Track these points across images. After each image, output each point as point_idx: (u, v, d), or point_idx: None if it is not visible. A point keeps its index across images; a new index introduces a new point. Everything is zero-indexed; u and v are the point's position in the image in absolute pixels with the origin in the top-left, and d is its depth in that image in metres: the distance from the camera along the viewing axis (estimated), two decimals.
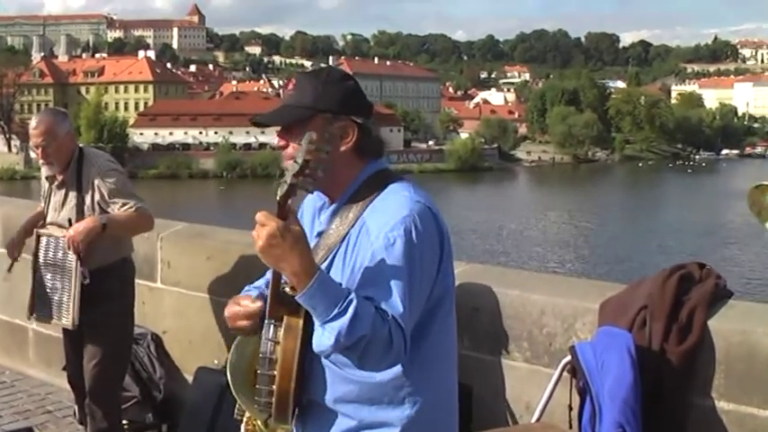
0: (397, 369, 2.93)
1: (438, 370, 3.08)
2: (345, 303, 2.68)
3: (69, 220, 5.73)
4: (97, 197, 5.70)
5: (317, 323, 2.74)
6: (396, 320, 2.74)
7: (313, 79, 3.02)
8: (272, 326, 2.90)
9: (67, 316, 5.79)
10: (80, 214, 5.72)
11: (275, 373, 2.87)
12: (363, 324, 2.68)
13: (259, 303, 3.04)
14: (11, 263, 6.25)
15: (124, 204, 5.69)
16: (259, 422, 3.10)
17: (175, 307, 7.13)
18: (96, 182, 5.70)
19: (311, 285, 2.68)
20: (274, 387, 2.88)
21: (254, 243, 2.72)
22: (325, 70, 3.10)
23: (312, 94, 2.96)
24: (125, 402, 6.71)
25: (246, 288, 3.26)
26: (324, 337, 2.72)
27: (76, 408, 6.57)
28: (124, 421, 6.56)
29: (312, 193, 2.97)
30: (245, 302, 3.08)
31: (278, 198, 2.68)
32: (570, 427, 4.77)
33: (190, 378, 6.75)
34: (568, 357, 4.80)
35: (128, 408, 6.79)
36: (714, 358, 4.53)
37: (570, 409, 4.77)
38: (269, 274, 3.10)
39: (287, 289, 2.89)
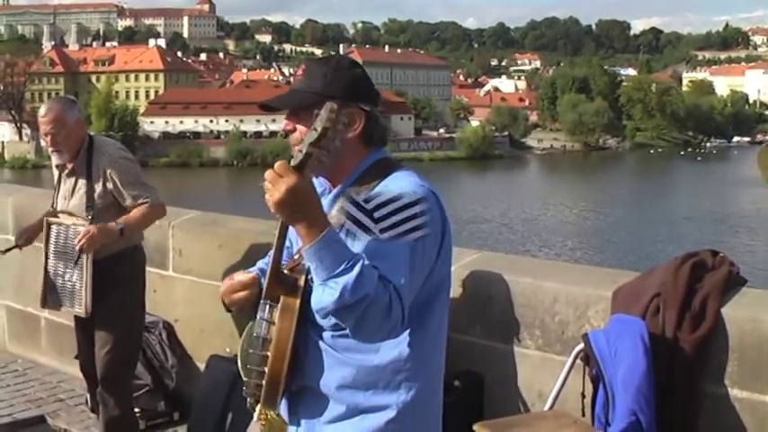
0: (397, 352, 2.95)
1: (435, 357, 3.10)
2: (353, 261, 2.66)
3: (87, 207, 5.74)
4: (110, 186, 5.70)
5: (317, 282, 2.71)
6: (396, 290, 2.73)
7: (323, 65, 3.04)
8: (267, 306, 2.91)
9: (80, 304, 5.79)
10: (90, 202, 5.72)
11: (268, 353, 2.86)
12: (368, 283, 2.66)
13: (254, 272, 3.09)
14: (11, 247, 6.27)
15: (138, 196, 5.70)
16: (272, 411, 3.08)
17: (187, 295, 7.14)
18: (108, 170, 5.70)
19: (323, 236, 2.66)
20: (266, 368, 2.87)
21: (266, 200, 2.68)
22: (335, 57, 3.12)
23: (321, 80, 2.98)
24: (137, 390, 6.72)
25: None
26: (326, 294, 2.68)
27: (88, 396, 6.58)
28: (136, 409, 6.56)
29: (321, 171, 2.98)
30: (238, 276, 3.12)
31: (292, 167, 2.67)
32: (583, 414, 4.76)
33: (202, 366, 6.75)
34: (581, 345, 4.79)
35: (140, 396, 6.80)
36: (727, 346, 4.52)
37: (583, 396, 4.76)
38: (260, 263, 3.20)
39: (285, 270, 2.91)
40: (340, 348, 2.93)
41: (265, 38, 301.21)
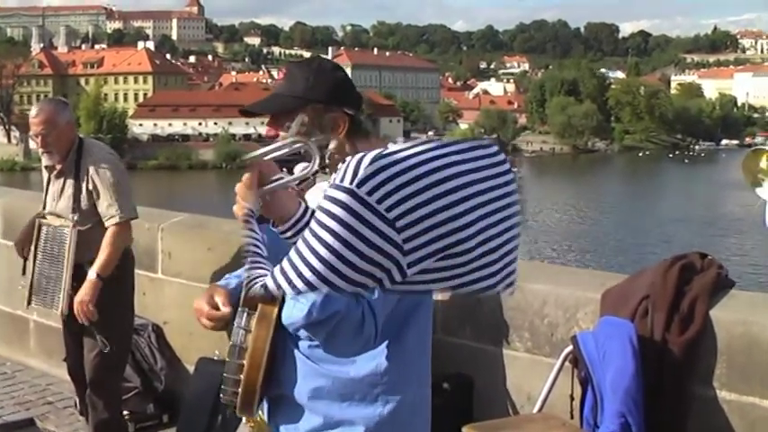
0: (374, 365, 2.88)
1: (415, 370, 3.01)
2: None
3: (73, 209, 5.74)
4: (90, 186, 5.71)
5: (288, 295, 2.63)
6: (369, 305, 2.70)
7: (304, 68, 3.00)
8: (245, 314, 2.84)
9: (57, 304, 5.83)
10: (76, 204, 5.73)
11: (244, 362, 2.83)
12: (338, 300, 2.60)
13: (228, 310, 2.98)
14: (24, 263, 6.24)
15: (110, 206, 5.69)
16: (261, 413, 3.06)
17: (176, 298, 7.13)
18: (90, 170, 5.71)
19: None
20: (242, 377, 2.84)
21: (235, 212, 2.62)
22: (317, 60, 3.08)
23: (303, 84, 2.94)
24: (126, 393, 6.72)
25: (226, 276, 3.23)
26: (295, 309, 2.67)
27: (77, 399, 6.57)
28: (125, 412, 6.56)
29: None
30: (218, 300, 3.05)
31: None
32: (572, 417, 4.77)
33: (191, 369, 6.75)
34: (570, 347, 4.80)
35: (129, 398, 6.79)
36: (716, 348, 4.54)
37: (572, 399, 4.77)
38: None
39: None
40: (316, 358, 2.87)
41: (254, 40, 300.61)
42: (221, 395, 2.93)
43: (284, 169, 2.68)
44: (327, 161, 2.87)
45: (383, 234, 2.19)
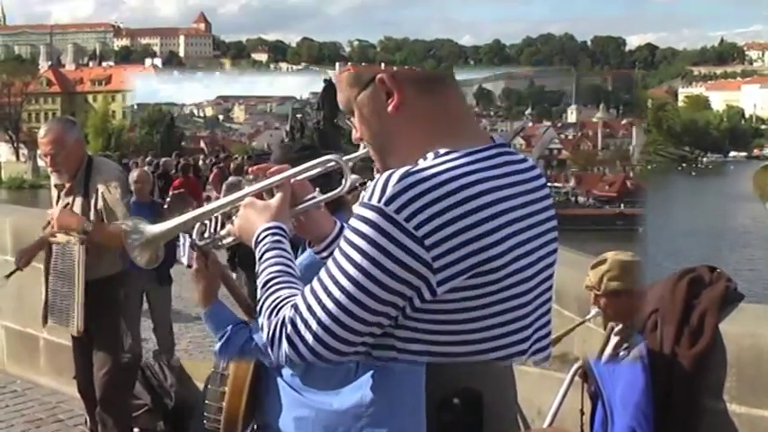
0: (359, 397, 2.81)
1: (405, 400, 2.93)
2: None
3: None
4: (100, 203, 5.72)
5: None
6: None
7: None
8: None
9: (73, 322, 5.81)
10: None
11: (225, 389, 2.80)
12: None
13: None
14: (13, 270, 6.25)
15: (124, 218, 5.70)
16: None
17: None
18: (101, 188, 5.72)
19: None
20: (224, 404, 2.80)
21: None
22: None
23: None
24: (136, 410, 6.72)
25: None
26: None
27: (88, 416, 6.57)
28: (135, 429, 6.57)
29: None
30: None
31: None
32: (582, 431, 4.76)
33: (201, 386, 6.74)
34: (580, 362, 4.79)
35: (139, 416, 6.80)
36: (725, 361, 4.53)
37: (582, 413, 4.76)
38: None
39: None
40: (298, 388, 2.83)
41: (261, 57, 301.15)
42: (204, 422, 2.90)
43: (317, 188, 2.67)
44: (376, 174, 2.82)
45: (411, 252, 2.14)
